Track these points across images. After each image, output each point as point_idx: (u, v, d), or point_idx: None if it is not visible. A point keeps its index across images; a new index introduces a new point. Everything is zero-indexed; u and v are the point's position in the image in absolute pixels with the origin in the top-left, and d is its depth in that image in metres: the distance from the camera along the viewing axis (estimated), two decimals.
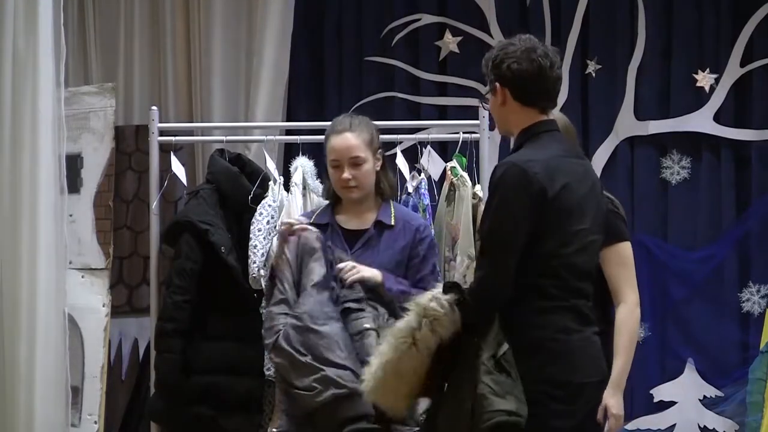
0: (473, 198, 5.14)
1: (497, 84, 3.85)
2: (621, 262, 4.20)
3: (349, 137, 4.68)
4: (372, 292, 4.57)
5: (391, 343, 3.73)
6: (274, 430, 4.45)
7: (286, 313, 4.53)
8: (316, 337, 4.45)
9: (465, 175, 5.17)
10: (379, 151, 4.75)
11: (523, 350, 3.69)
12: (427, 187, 5.27)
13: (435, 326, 3.68)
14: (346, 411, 4.40)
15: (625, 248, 4.23)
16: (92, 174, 6.13)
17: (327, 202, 5.06)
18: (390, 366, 3.72)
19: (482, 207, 5.11)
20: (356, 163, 4.66)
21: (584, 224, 3.79)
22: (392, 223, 4.68)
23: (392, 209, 4.73)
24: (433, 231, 5.18)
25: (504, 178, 3.71)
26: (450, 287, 3.77)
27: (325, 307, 4.51)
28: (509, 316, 3.72)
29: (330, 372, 4.39)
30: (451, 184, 5.22)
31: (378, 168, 4.73)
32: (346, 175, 4.65)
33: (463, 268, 5.10)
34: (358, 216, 4.72)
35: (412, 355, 3.70)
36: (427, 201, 5.22)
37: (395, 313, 4.48)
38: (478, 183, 5.24)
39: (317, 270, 4.55)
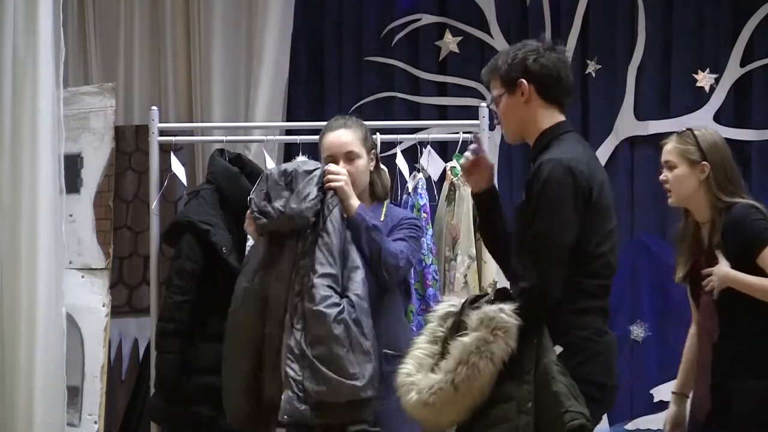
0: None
1: (523, 80, 3.84)
2: None
3: (345, 133, 4.69)
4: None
5: (463, 360, 3.65)
6: (284, 418, 4.39)
7: (338, 292, 4.43)
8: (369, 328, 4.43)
9: None
10: (373, 151, 4.75)
11: (564, 350, 3.69)
12: (424, 186, 5.27)
13: (507, 338, 3.65)
14: (367, 414, 4.40)
15: None
16: (92, 174, 6.13)
17: None
18: (465, 383, 3.64)
19: None
20: (351, 158, 4.66)
21: (613, 223, 3.84)
22: (382, 219, 4.68)
23: (384, 208, 4.73)
24: (431, 231, 5.18)
25: (553, 176, 3.70)
26: (502, 295, 3.74)
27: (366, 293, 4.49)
28: (550, 317, 3.71)
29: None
30: (452, 184, 5.22)
31: (372, 168, 4.73)
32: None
33: (464, 268, 5.10)
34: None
35: (490, 370, 3.65)
36: (423, 201, 5.21)
37: (358, 245, 4.49)
38: None
39: (355, 257, 4.49)
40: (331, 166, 4.56)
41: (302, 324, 4.40)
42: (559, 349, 3.68)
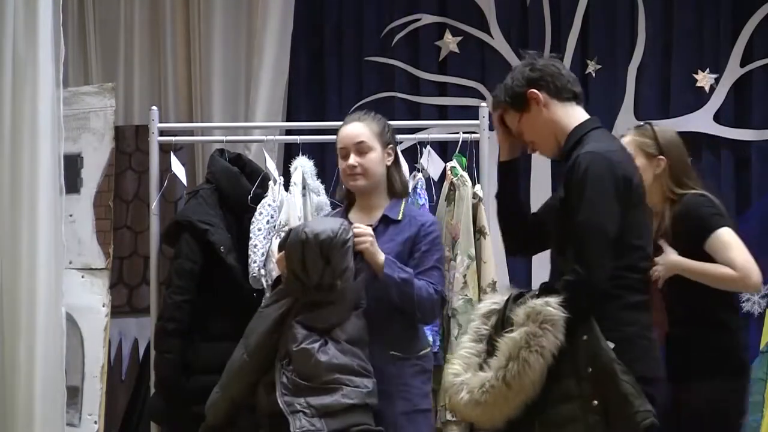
0: (473, 198, 5.14)
1: (532, 89, 3.87)
2: (716, 251, 4.28)
3: (357, 125, 4.65)
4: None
5: (513, 355, 3.63)
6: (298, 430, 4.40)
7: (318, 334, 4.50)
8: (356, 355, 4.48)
9: (465, 174, 5.17)
10: (391, 146, 4.69)
11: (616, 346, 3.68)
12: (423, 186, 5.27)
13: (555, 331, 3.63)
14: (369, 419, 4.43)
15: (715, 239, 4.29)
16: (92, 174, 6.13)
17: (327, 200, 5.05)
18: (516, 379, 3.62)
19: (482, 207, 5.13)
20: (362, 150, 4.60)
21: (647, 216, 3.87)
22: (399, 218, 4.62)
23: (402, 206, 4.67)
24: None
25: (591, 168, 3.70)
26: (547, 289, 3.72)
27: (363, 333, 4.50)
28: (598, 312, 3.70)
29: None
30: (451, 183, 5.22)
31: (389, 163, 4.66)
32: (352, 161, 4.60)
33: (463, 267, 5.09)
34: (368, 212, 4.66)
35: (540, 364, 3.63)
36: (422, 201, 5.21)
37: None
38: (479, 183, 5.25)
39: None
40: (356, 228, 4.49)
41: (291, 366, 4.42)
42: (611, 344, 3.66)
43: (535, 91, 3.87)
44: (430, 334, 4.98)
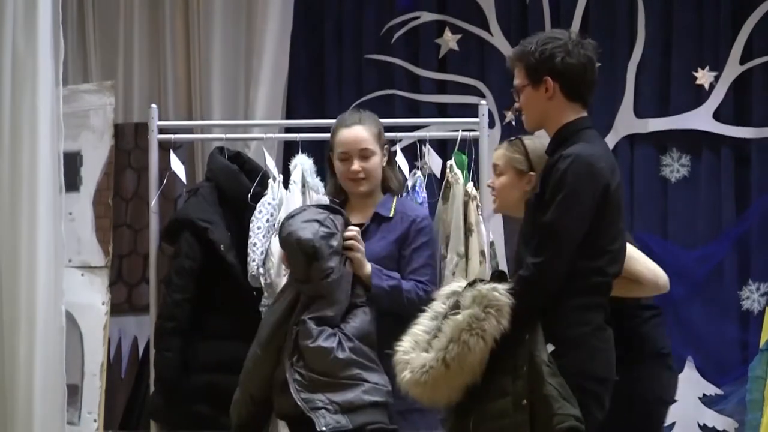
0: (465, 195, 5.13)
1: (548, 78, 3.86)
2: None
3: (360, 129, 4.67)
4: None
5: (454, 337, 3.67)
6: (324, 429, 4.39)
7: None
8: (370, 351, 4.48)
9: (458, 172, 5.18)
10: (386, 146, 4.74)
11: (564, 345, 3.71)
12: (422, 184, 5.26)
13: (499, 317, 3.66)
14: (386, 418, 4.44)
15: None
16: (92, 172, 6.12)
17: (327, 198, 5.05)
18: (456, 360, 3.66)
19: (473, 204, 5.10)
20: (366, 155, 4.64)
21: (623, 221, 3.87)
22: (390, 215, 4.65)
23: (394, 202, 4.70)
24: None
25: (571, 170, 3.72)
26: (498, 277, 3.76)
27: (372, 327, 4.51)
28: (552, 310, 3.72)
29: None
30: (447, 181, 5.23)
31: (385, 163, 4.71)
32: (356, 167, 4.63)
33: (452, 265, 5.09)
34: (362, 210, 4.70)
35: (481, 347, 3.66)
36: (420, 199, 5.20)
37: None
38: (478, 181, 5.24)
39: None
40: (349, 232, 4.50)
41: (302, 362, 4.42)
42: (551, 347, 3.69)
43: (550, 80, 3.87)
44: None
